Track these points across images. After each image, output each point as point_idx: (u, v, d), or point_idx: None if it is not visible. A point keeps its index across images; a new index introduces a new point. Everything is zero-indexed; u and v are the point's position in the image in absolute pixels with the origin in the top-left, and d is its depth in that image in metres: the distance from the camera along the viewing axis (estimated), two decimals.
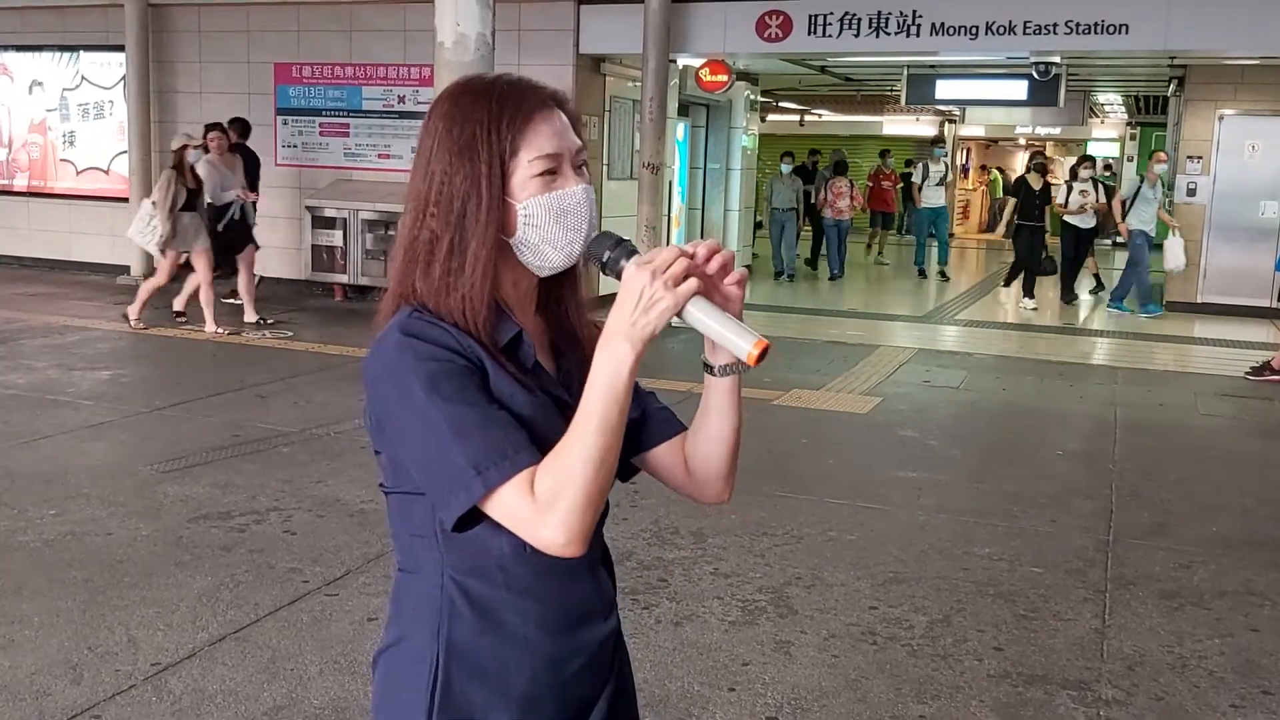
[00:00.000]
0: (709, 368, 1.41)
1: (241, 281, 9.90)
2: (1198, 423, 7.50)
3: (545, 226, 1.37)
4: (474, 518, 1.29)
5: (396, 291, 1.40)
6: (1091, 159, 14.19)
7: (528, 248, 1.38)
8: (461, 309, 1.35)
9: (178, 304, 9.82)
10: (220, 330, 9.31)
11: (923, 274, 15.77)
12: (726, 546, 4.66)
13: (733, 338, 1.28)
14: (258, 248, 10.16)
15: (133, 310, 9.51)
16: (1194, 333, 11.26)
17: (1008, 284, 13.53)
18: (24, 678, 3.41)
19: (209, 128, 9.90)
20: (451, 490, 1.28)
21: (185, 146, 9.31)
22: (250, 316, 9.78)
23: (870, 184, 18.09)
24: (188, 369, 8.22)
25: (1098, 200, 12.78)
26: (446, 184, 1.36)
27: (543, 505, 1.25)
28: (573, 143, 1.39)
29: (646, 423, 1.52)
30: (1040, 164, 13.39)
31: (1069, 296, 13.10)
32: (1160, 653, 3.86)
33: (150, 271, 12.05)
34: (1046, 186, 13.10)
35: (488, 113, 1.36)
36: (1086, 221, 12.82)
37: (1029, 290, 12.83)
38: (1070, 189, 12.85)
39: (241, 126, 11.43)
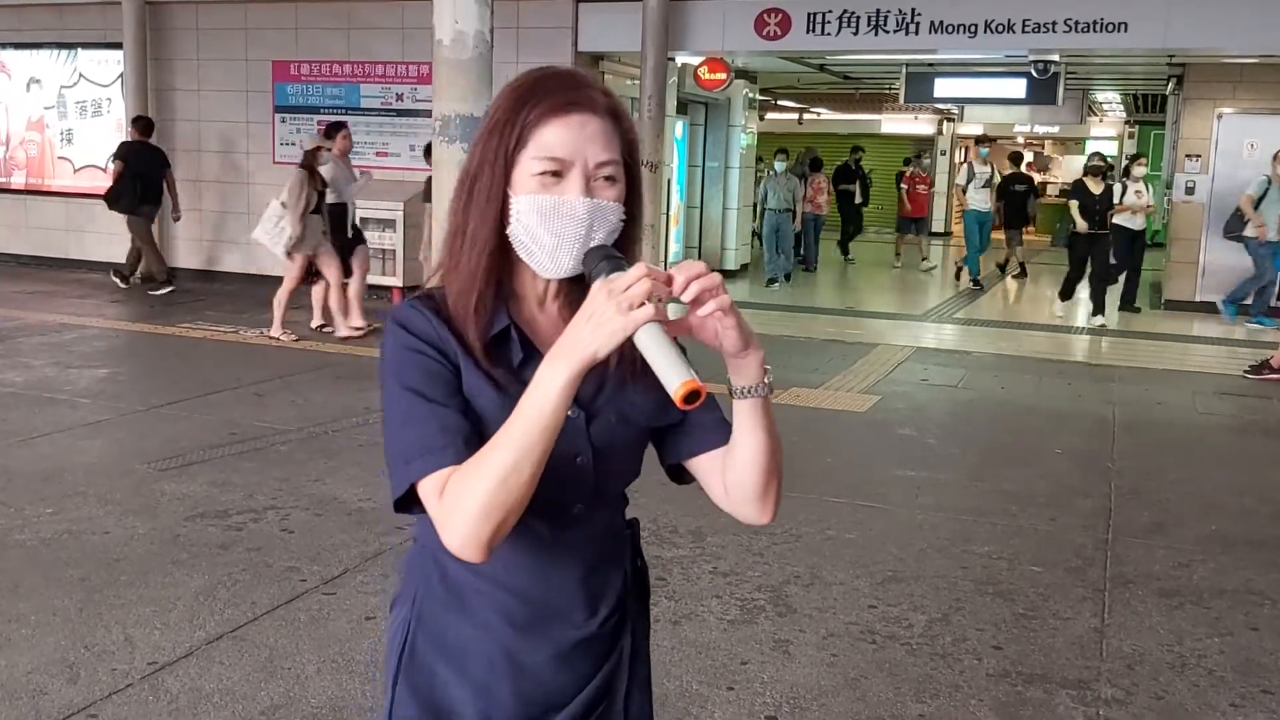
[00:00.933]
0: (729, 388, 1.36)
1: (354, 285, 9.44)
2: (1196, 421, 7.49)
3: (532, 227, 1.34)
4: (417, 501, 1.33)
5: (436, 263, 1.44)
6: (1143, 156, 13.05)
7: (519, 245, 1.37)
8: (454, 292, 1.38)
9: (316, 318, 9.52)
10: (355, 330, 9.05)
11: (977, 284, 14.38)
12: (725, 545, 4.65)
13: (666, 373, 1.20)
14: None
15: (275, 328, 9.07)
16: (1192, 331, 11.25)
17: (1065, 297, 12.22)
18: (20, 676, 3.40)
19: (333, 127, 9.61)
20: (392, 473, 1.33)
21: (319, 148, 9.10)
22: (358, 321, 9.35)
23: (905, 187, 16.93)
24: (185, 367, 8.20)
25: (1150, 201, 12.19)
26: (471, 160, 1.39)
27: (447, 506, 1.27)
28: (595, 154, 1.34)
29: (687, 429, 1.47)
30: (1098, 166, 12.00)
31: (1131, 305, 12.25)
32: (1160, 652, 3.86)
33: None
34: (1109, 190, 11.83)
35: (517, 99, 1.36)
36: (1139, 223, 12.09)
37: (1069, 294, 12.05)
38: (1125, 189, 11.99)
39: (144, 125, 11.52)
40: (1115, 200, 11.81)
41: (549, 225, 1.33)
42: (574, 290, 1.41)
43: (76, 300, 10.96)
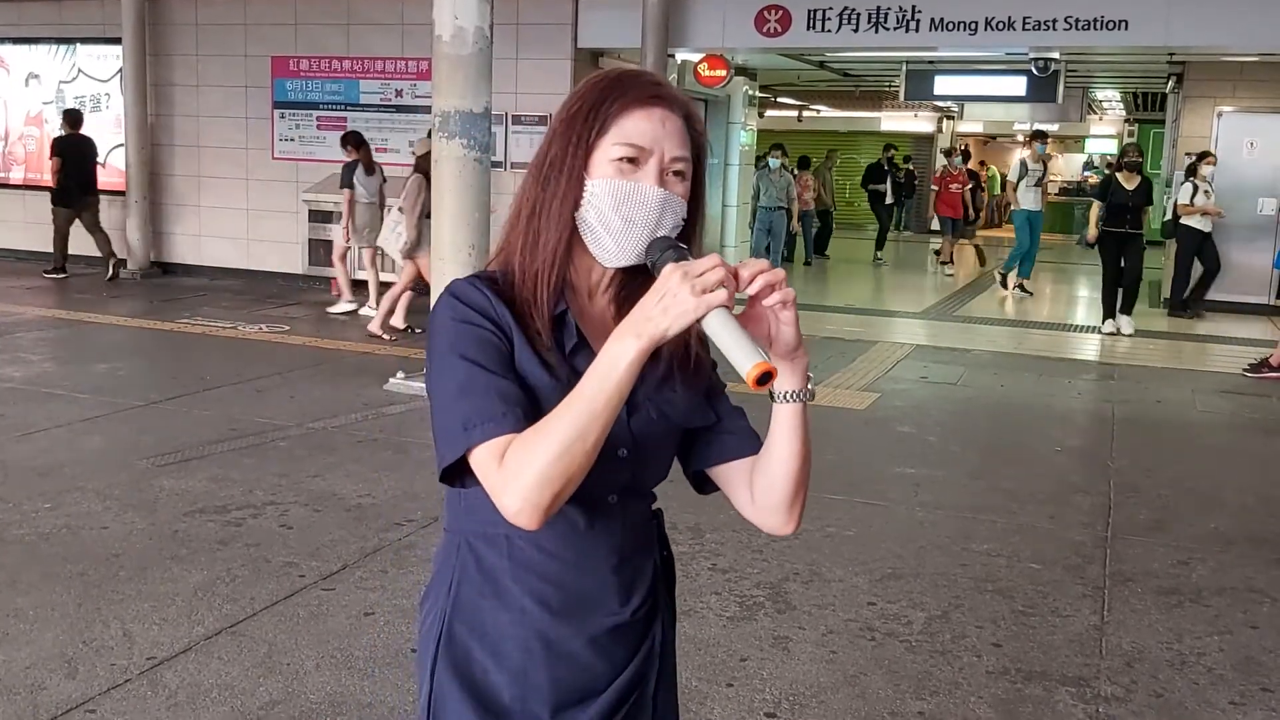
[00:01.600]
0: (770, 393, 1.38)
1: (400, 287, 9.36)
2: (1196, 419, 7.49)
3: (604, 210, 1.37)
4: (465, 473, 1.34)
5: (497, 245, 1.47)
6: (1212, 155, 11.88)
7: (587, 229, 1.39)
8: (527, 273, 1.40)
9: (399, 321, 9.37)
10: (386, 335, 9.01)
11: (1025, 290, 13.36)
12: (724, 542, 4.64)
13: (737, 355, 1.24)
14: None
15: (375, 324, 9.04)
16: (1192, 329, 11.25)
17: (1109, 314, 10.82)
18: (19, 672, 3.40)
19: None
20: (445, 442, 1.34)
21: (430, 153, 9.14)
22: (401, 323, 9.35)
23: (936, 187, 16.42)
24: (184, 363, 8.19)
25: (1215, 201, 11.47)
26: (549, 150, 1.42)
27: (507, 472, 1.28)
28: (671, 148, 1.38)
29: (717, 436, 1.51)
30: (1134, 161, 10.97)
31: (1195, 308, 11.78)
32: (1159, 649, 3.86)
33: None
34: (1146, 185, 10.80)
35: (600, 91, 1.40)
36: (1207, 224, 11.50)
37: (1113, 310, 10.81)
38: (1195, 188, 11.38)
39: (74, 117, 11.62)
40: (1186, 199, 11.43)
41: (621, 209, 1.37)
42: (625, 286, 1.44)
43: (75, 295, 10.95)
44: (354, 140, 10.22)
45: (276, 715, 3.21)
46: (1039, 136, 13.98)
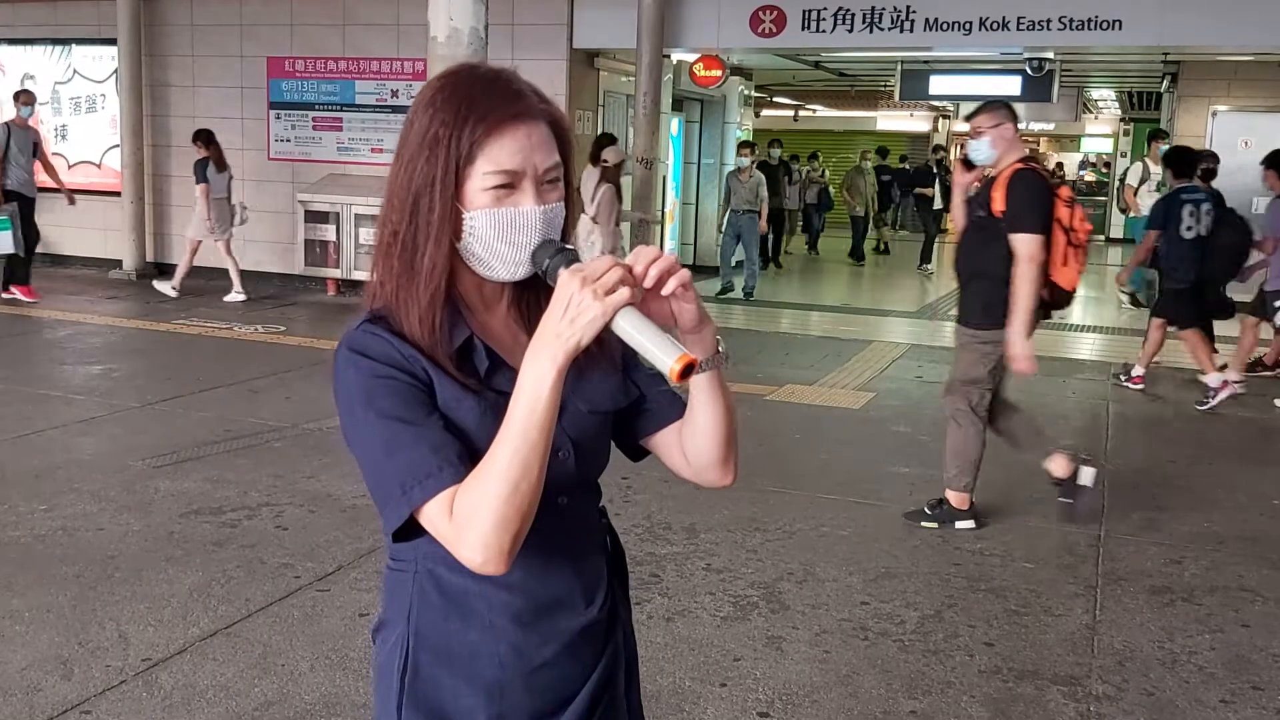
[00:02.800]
0: None
1: None
2: (1191, 418, 7.51)
3: (490, 241, 1.34)
4: (415, 526, 1.31)
5: (369, 284, 1.42)
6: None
7: (474, 258, 1.37)
8: (412, 312, 1.35)
9: None
10: None
11: (1137, 302, 11.78)
12: (719, 542, 4.66)
13: (656, 352, 1.23)
14: None
15: None
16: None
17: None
18: (14, 673, 3.41)
19: (603, 139, 9.47)
20: (386, 507, 1.31)
21: (622, 162, 9.23)
22: None
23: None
24: (179, 364, 8.20)
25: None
26: (409, 176, 1.36)
27: (459, 524, 1.25)
28: (541, 161, 1.35)
29: (643, 409, 1.51)
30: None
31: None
32: (1151, 648, 3.87)
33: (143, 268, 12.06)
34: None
35: (456, 113, 1.33)
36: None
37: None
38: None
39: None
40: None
41: (506, 236, 1.34)
42: (518, 291, 1.44)
43: (70, 296, 10.95)
44: (205, 138, 10.66)
45: (271, 716, 3.22)
46: (1159, 136, 12.07)
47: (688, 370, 1.21)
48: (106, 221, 12.67)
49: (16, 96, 10.86)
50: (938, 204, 16.56)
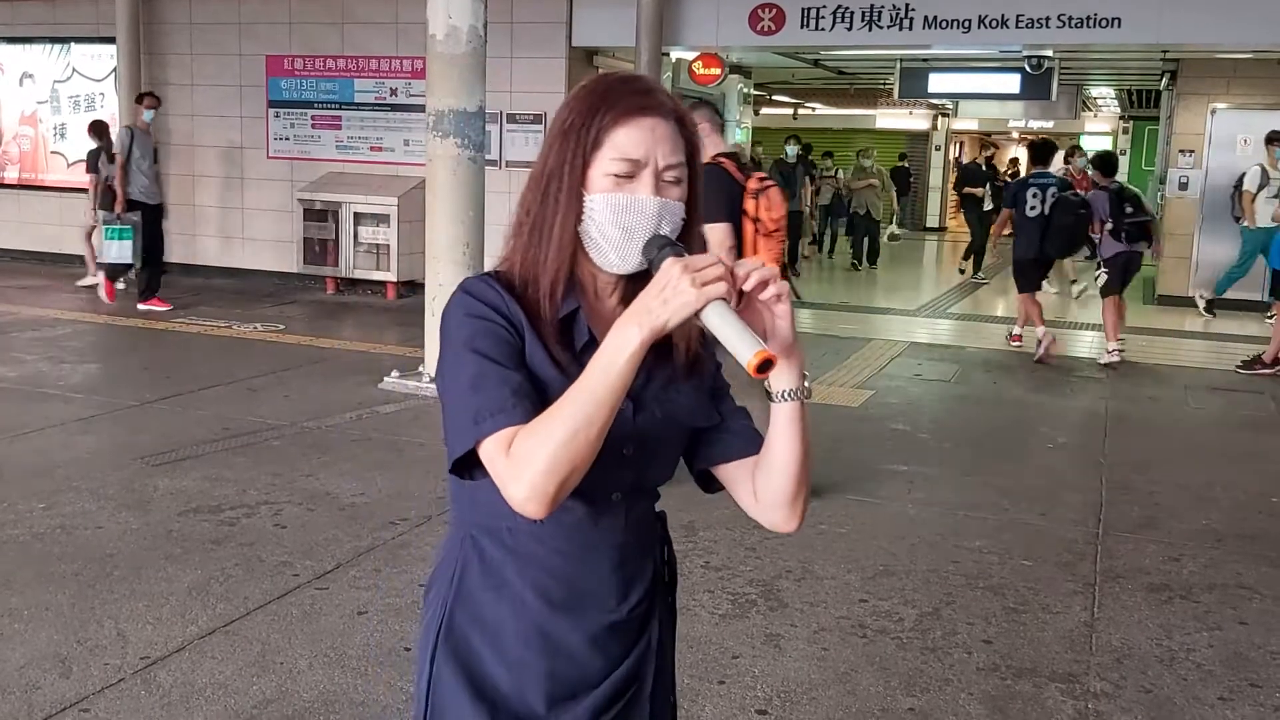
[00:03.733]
0: (768, 392, 1.42)
1: None
2: (1189, 416, 7.52)
3: (603, 224, 1.40)
4: (475, 466, 1.37)
5: (503, 251, 1.50)
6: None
7: (590, 242, 1.43)
8: (534, 275, 1.43)
9: None
10: None
11: (1212, 311, 11.48)
12: (717, 539, 4.66)
13: (737, 344, 1.27)
14: None
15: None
16: (1185, 326, 11.28)
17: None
18: (13, 671, 3.41)
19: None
20: (455, 435, 1.37)
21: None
22: None
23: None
24: (178, 362, 8.19)
25: None
26: (546, 162, 1.44)
27: (514, 461, 1.30)
28: (664, 155, 1.40)
29: (720, 436, 1.54)
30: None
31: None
32: (1149, 646, 3.87)
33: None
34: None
35: (590, 105, 1.42)
36: None
37: None
38: None
39: None
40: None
41: (619, 221, 1.40)
42: (630, 289, 1.46)
43: (69, 295, 10.94)
44: (98, 130, 10.75)
45: (270, 714, 3.23)
46: (1277, 140, 10.88)
47: (765, 365, 1.25)
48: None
49: (140, 99, 10.48)
50: (987, 205, 15.43)
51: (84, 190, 12.69)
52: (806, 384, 1.42)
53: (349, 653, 3.59)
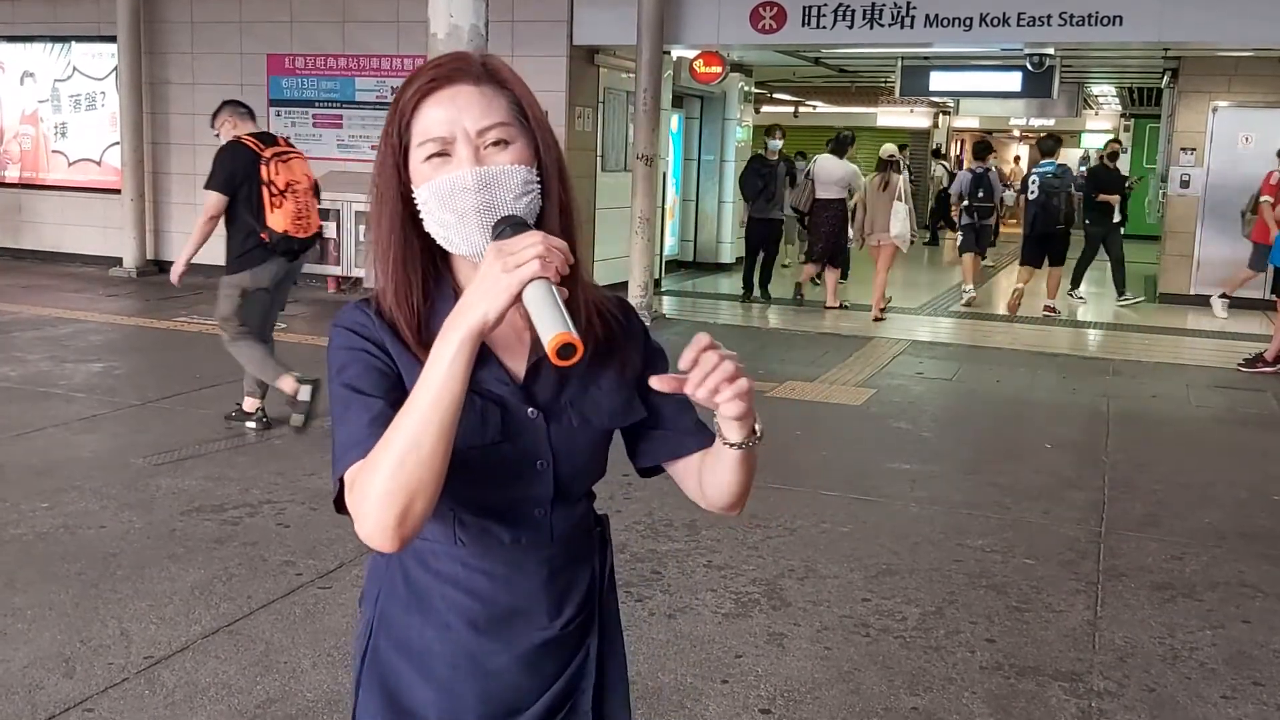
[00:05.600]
0: (720, 436, 1.36)
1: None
2: (1191, 414, 7.51)
3: (438, 214, 1.32)
4: None
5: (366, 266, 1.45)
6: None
7: (437, 237, 1.34)
8: (385, 300, 1.36)
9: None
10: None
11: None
12: (720, 539, 4.66)
13: (541, 325, 1.17)
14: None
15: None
16: (1186, 324, 11.28)
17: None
18: (16, 671, 3.41)
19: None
20: (332, 473, 1.32)
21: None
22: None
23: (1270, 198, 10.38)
24: (180, 361, 8.19)
25: None
26: (374, 167, 1.37)
27: (355, 495, 1.24)
28: (473, 122, 1.31)
29: (661, 433, 1.47)
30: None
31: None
32: (1152, 644, 3.88)
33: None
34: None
35: (394, 100, 1.35)
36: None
37: None
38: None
39: None
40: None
41: (450, 205, 1.30)
42: None
43: (71, 294, 10.94)
44: None
45: (273, 713, 3.23)
46: None
47: (566, 351, 1.15)
48: (106, 219, 12.66)
49: None
50: (1117, 215, 12.39)
51: (82, 189, 12.75)
52: (758, 430, 1.34)
53: (352, 652, 3.59)
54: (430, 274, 1.37)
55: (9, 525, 4.64)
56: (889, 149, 11.41)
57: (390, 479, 1.19)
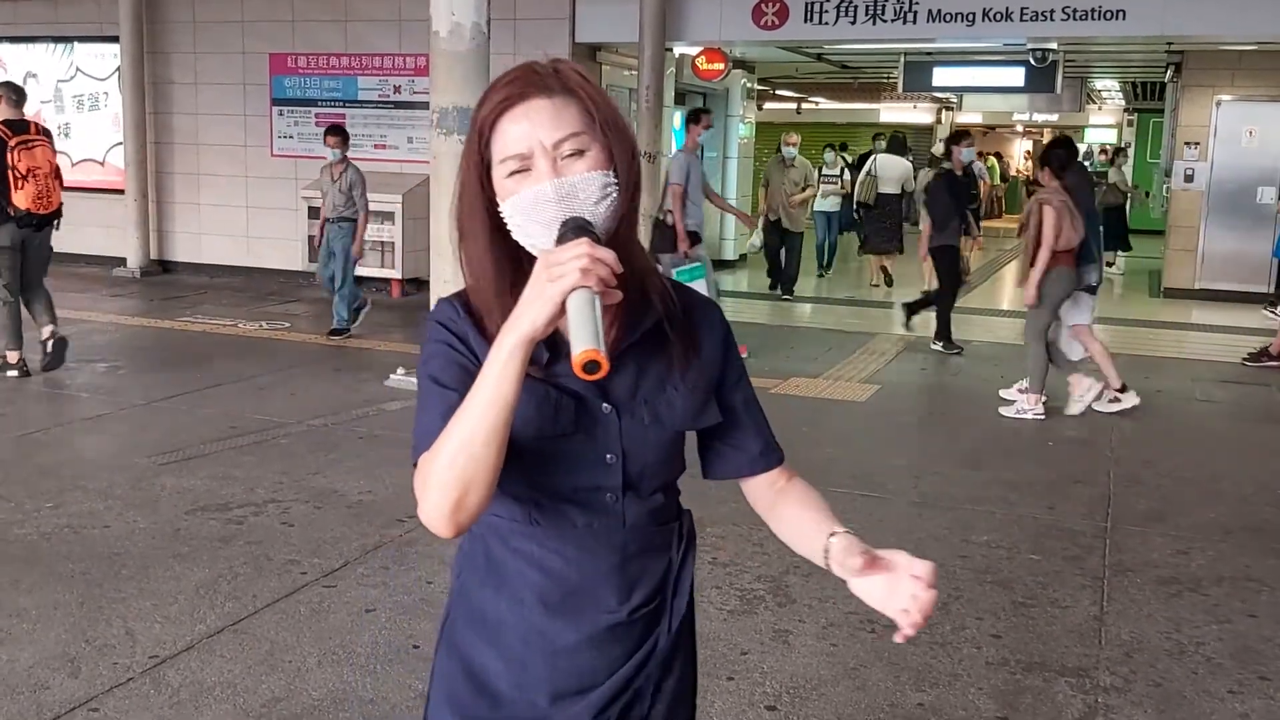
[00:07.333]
0: (829, 558, 1.51)
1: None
2: (1195, 409, 7.50)
3: (523, 225, 1.36)
4: None
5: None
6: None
7: (529, 247, 1.39)
8: (473, 290, 1.44)
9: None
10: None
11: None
12: (725, 535, 4.65)
13: (573, 337, 1.22)
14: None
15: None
16: (1191, 319, 11.26)
17: None
18: (21, 671, 3.41)
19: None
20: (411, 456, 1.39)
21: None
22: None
23: None
24: (184, 361, 8.20)
25: None
26: (458, 184, 1.43)
27: (418, 483, 1.32)
28: (548, 135, 1.35)
29: (730, 450, 1.56)
30: None
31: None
32: (1158, 639, 3.87)
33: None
34: None
35: (473, 119, 1.40)
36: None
37: None
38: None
39: None
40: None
41: (533, 217, 1.35)
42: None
43: (75, 294, 10.94)
44: None
45: (279, 712, 3.23)
46: None
47: (591, 367, 1.20)
48: (110, 219, 12.67)
49: (696, 117, 9.11)
50: None
51: (85, 189, 12.75)
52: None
53: (357, 651, 3.59)
54: (519, 277, 1.40)
55: (14, 525, 4.64)
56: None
57: (446, 471, 1.28)
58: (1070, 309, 7.02)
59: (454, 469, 1.27)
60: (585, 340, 1.21)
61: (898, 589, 1.40)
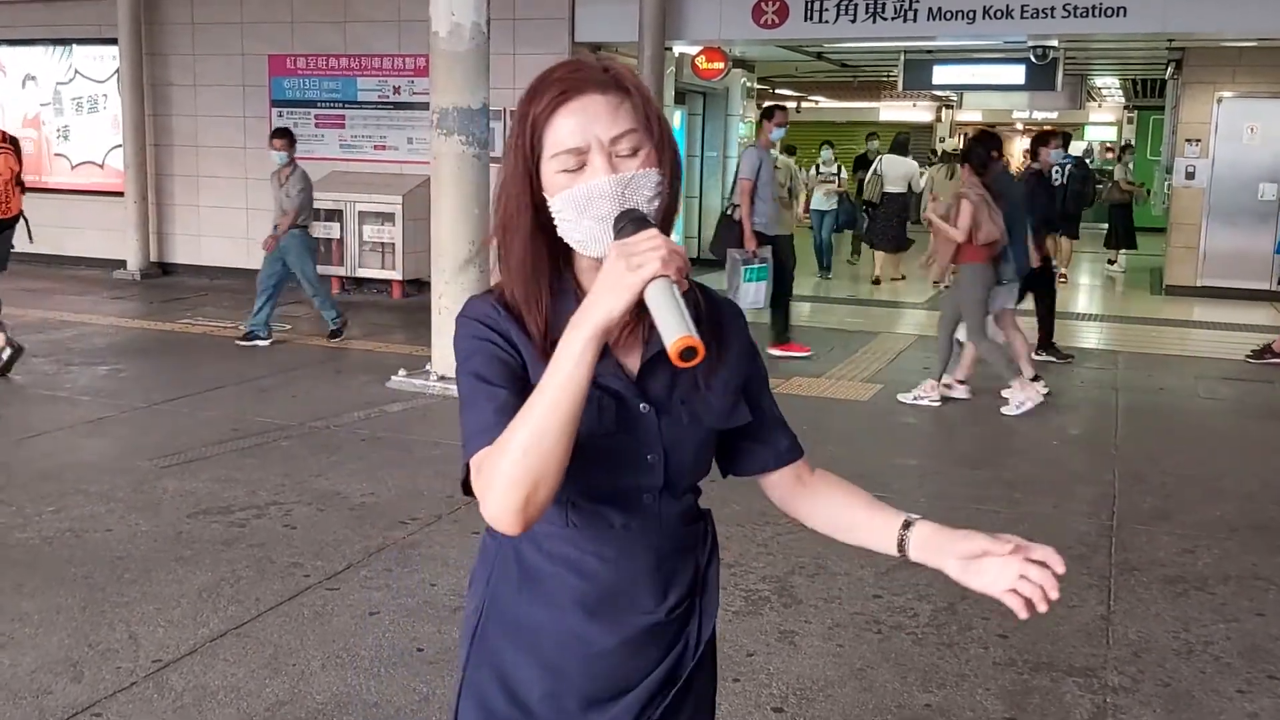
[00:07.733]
0: (904, 547, 1.63)
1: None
2: (1199, 406, 7.48)
3: (575, 220, 1.36)
4: None
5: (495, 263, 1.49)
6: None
7: (574, 243, 1.38)
8: (514, 301, 1.42)
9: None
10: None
11: None
12: (729, 536, 4.64)
13: (665, 327, 1.21)
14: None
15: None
16: (1194, 316, 11.24)
17: None
18: (24, 676, 3.39)
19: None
20: (461, 459, 1.37)
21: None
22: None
23: None
24: (185, 364, 8.18)
25: None
26: (503, 177, 1.41)
27: (482, 479, 1.30)
28: (605, 130, 1.34)
29: (754, 446, 1.59)
30: None
31: None
32: (1166, 638, 3.85)
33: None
34: None
35: (522, 111, 1.38)
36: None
37: None
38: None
39: None
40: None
41: (588, 212, 1.34)
42: None
43: (75, 297, 10.94)
44: None
45: (282, 716, 3.21)
46: None
47: (688, 354, 1.19)
48: (109, 221, 12.66)
49: (769, 114, 8.56)
50: None
51: (85, 192, 12.73)
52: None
53: (361, 654, 3.58)
54: (554, 274, 1.42)
55: (16, 530, 4.62)
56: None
57: (516, 466, 1.25)
58: (993, 296, 7.05)
59: (524, 464, 1.24)
60: (677, 328, 1.19)
61: (1007, 569, 1.46)
